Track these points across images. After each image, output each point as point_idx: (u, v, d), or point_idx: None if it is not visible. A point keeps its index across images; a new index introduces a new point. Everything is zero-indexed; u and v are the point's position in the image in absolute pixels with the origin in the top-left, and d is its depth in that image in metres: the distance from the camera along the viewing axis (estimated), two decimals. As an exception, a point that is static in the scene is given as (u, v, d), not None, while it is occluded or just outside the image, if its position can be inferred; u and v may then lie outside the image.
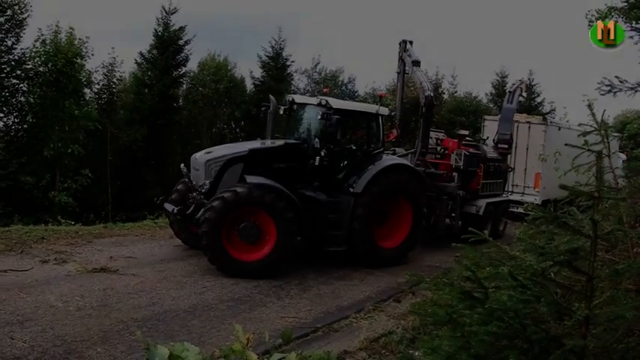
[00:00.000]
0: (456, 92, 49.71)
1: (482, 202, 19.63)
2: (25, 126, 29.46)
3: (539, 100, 50.60)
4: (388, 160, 15.74)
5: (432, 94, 18.74)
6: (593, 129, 5.33)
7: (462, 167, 18.72)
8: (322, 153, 14.13)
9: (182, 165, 14.66)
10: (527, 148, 24.67)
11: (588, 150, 4.89)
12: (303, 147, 14.64)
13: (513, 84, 24.73)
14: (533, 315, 4.19)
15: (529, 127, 24.93)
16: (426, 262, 15.85)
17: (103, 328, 9.16)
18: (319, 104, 14.65)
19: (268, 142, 15.18)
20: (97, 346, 8.46)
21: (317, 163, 14.09)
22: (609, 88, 6.54)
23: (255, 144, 15.12)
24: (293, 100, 15.91)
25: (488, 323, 4.08)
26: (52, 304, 10.04)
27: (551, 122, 26.03)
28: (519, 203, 24.51)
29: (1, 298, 10.09)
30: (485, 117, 28.52)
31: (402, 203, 15.54)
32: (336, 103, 15.03)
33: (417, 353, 7.28)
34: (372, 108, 15.94)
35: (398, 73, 21.02)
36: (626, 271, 4.40)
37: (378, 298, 12.31)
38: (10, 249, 13.18)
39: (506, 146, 22.08)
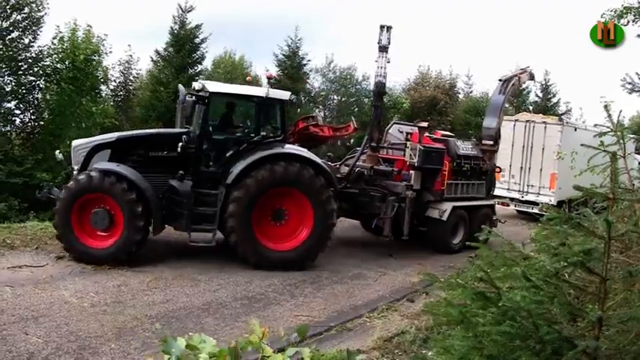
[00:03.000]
0: (471, 92, 49.70)
1: (448, 206, 17.42)
2: (42, 123, 29.71)
3: (555, 100, 50.59)
4: (278, 149, 13.97)
5: (383, 81, 17.49)
6: (608, 130, 5.30)
7: (416, 164, 16.49)
8: (184, 139, 13.33)
9: (57, 152, 14.70)
10: (542, 149, 24.49)
11: (604, 151, 4.86)
12: (185, 135, 13.74)
13: (514, 72, 22.54)
14: (546, 315, 4.18)
15: (545, 127, 24.74)
16: (440, 262, 15.78)
17: (117, 324, 9.22)
18: (199, 89, 14.03)
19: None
20: (111, 343, 8.52)
21: (179, 150, 13.23)
22: (631, 86, 6.51)
23: (133, 132, 15.10)
24: (194, 87, 14.96)
25: (501, 323, 4.07)
26: (67, 300, 10.12)
27: (567, 123, 25.85)
28: (534, 204, 24.44)
29: (16, 294, 10.18)
30: (502, 117, 28.32)
31: (301, 200, 13.95)
32: (213, 86, 14.40)
33: (430, 353, 7.28)
34: (259, 91, 14.41)
35: (376, 61, 18.98)
36: (640, 273, 4.37)
37: (391, 297, 12.32)
38: (26, 245, 13.27)
39: (491, 142, 20.34)
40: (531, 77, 23.45)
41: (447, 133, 21.47)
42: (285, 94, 14.80)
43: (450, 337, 4.92)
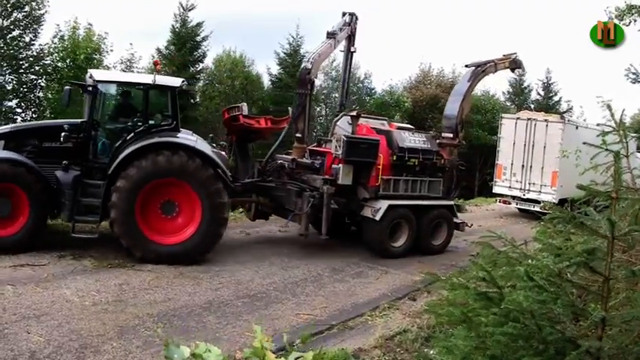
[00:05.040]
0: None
1: (382, 204, 15.50)
2: (43, 121, 29.72)
3: (556, 98, 50.71)
4: (161, 138, 13.34)
5: (308, 67, 16.03)
6: (611, 129, 5.30)
7: (340, 156, 15.08)
8: (66, 128, 12.99)
9: None
10: (544, 147, 24.42)
11: (607, 150, 4.85)
12: (79, 126, 13.43)
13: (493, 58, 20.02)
14: (549, 316, 4.17)
15: (546, 125, 24.68)
16: (441, 261, 15.75)
17: (119, 323, 9.20)
18: (89, 77, 13.58)
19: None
20: (113, 341, 8.50)
21: (62, 140, 12.89)
22: (635, 76, 6.50)
23: (28, 123, 14.92)
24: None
25: (504, 324, 4.07)
26: (68, 299, 10.10)
27: (568, 121, 25.81)
28: (536, 202, 24.40)
29: (18, 293, 10.16)
30: (503, 115, 28.31)
31: (188, 192, 13.25)
32: (99, 74, 14.01)
33: (432, 352, 7.27)
34: (146, 78, 14.04)
35: (341, 51, 18.19)
36: (643, 273, 4.36)
37: (393, 296, 12.26)
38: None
39: (451, 135, 18.23)
40: (517, 65, 20.82)
41: (406, 125, 19.82)
42: (175, 81, 14.34)
43: (452, 336, 4.92)
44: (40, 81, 29.10)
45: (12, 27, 28.40)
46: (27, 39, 28.92)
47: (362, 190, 15.73)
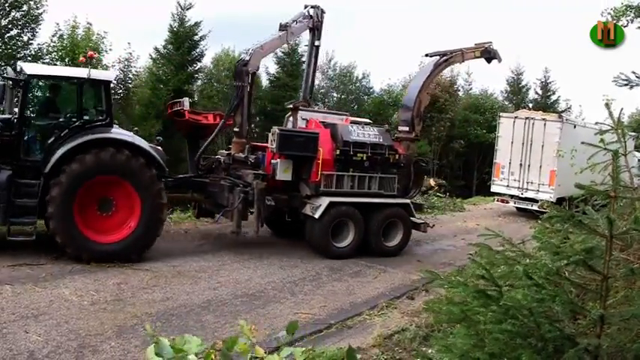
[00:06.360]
0: (471, 89, 49.73)
1: (323, 201, 14.69)
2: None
3: (554, 97, 50.83)
4: (98, 134, 12.88)
5: (247, 59, 15.54)
6: (610, 127, 5.30)
7: (274, 150, 14.61)
8: None
9: None
10: (542, 146, 24.47)
11: (605, 149, 4.86)
12: (10, 123, 12.94)
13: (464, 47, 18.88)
14: (547, 314, 4.17)
15: (544, 124, 24.73)
16: (440, 260, 15.76)
17: (117, 322, 9.21)
18: (19, 71, 13.23)
19: None
20: (111, 341, 8.51)
21: None
22: (626, 82, 6.48)
23: None
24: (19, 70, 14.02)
25: (503, 321, 4.07)
26: (67, 298, 10.10)
27: (566, 120, 25.86)
28: (534, 201, 24.44)
29: (16, 292, 10.16)
30: (501, 114, 28.35)
31: (129, 190, 12.94)
32: (31, 68, 13.62)
33: (430, 351, 7.28)
34: (80, 72, 13.21)
35: (306, 45, 17.44)
36: (642, 271, 4.37)
37: (391, 295, 12.28)
38: (25, 243, 13.20)
39: (407, 129, 17.14)
40: (491, 55, 19.07)
41: (365, 120, 19.21)
42: (109, 75, 14.05)
43: (451, 335, 4.92)
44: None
45: (10, 26, 28.42)
46: (25, 38, 28.97)
47: (304, 186, 15.15)
